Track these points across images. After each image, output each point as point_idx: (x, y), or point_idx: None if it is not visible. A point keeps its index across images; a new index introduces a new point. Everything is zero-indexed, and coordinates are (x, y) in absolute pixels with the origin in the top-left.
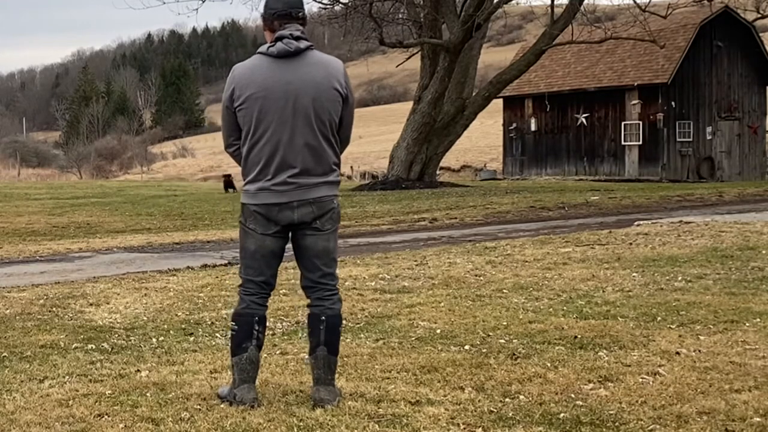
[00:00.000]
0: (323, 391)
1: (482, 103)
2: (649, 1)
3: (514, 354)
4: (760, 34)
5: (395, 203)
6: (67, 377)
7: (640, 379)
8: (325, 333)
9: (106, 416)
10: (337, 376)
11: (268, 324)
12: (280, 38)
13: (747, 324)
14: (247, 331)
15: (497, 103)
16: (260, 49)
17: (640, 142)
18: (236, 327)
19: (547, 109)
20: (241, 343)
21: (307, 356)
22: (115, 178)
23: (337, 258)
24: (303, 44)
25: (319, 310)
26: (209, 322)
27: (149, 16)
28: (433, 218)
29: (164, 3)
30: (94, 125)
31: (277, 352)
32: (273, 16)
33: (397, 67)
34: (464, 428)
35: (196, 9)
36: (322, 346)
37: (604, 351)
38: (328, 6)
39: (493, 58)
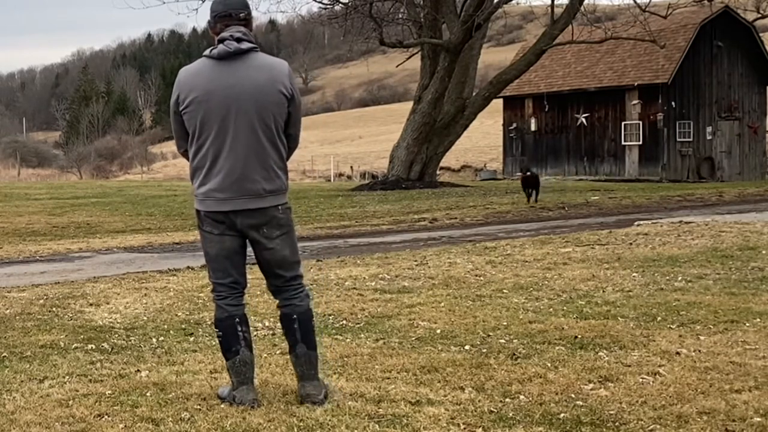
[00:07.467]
0: (309, 386)
1: (482, 103)
2: (649, 1)
3: (514, 354)
4: (760, 34)
5: (395, 203)
6: (67, 377)
7: (640, 379)
8: (300, 331)
9: (106, 416)
10: (337, 376)
11: (268, 324)
12: (221, 41)
13: (747, 324)
14: (232, 334)
15: (497, 103)
16: (204, 52)
17: (640, 142)
18: (221, 333)
19: (547, 109)
20: (231, 347)
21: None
22: (115, 178)
23: (299, 259)
24: (245, 45)
25: (290, 309)
26: (209, 322)
27: (149, 16)
28: (433, 218)
29: (164, 3)
30: (94, 125)
31: (277, 352)
32: (215, 19)
33: (397, 67)
34: (464, 428)
35: (196, 9)
36: (300, 344)
37: (604, 351)
38: (328, 6)
39: (493, 58)
